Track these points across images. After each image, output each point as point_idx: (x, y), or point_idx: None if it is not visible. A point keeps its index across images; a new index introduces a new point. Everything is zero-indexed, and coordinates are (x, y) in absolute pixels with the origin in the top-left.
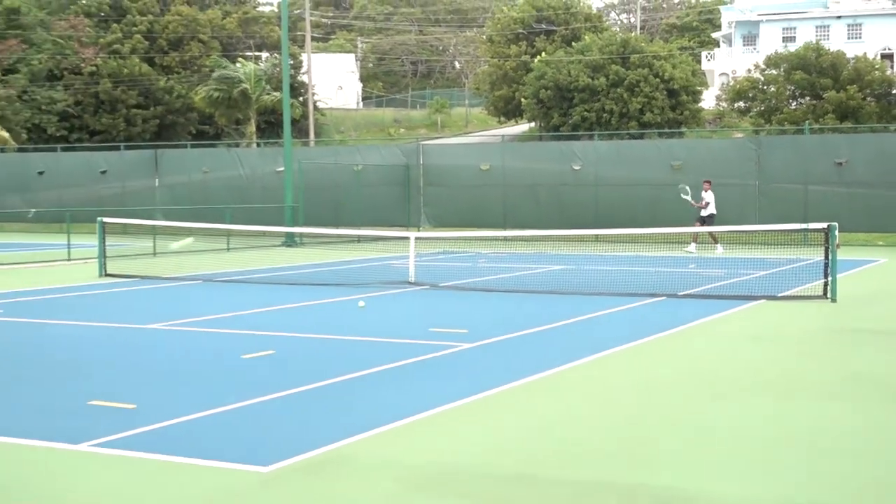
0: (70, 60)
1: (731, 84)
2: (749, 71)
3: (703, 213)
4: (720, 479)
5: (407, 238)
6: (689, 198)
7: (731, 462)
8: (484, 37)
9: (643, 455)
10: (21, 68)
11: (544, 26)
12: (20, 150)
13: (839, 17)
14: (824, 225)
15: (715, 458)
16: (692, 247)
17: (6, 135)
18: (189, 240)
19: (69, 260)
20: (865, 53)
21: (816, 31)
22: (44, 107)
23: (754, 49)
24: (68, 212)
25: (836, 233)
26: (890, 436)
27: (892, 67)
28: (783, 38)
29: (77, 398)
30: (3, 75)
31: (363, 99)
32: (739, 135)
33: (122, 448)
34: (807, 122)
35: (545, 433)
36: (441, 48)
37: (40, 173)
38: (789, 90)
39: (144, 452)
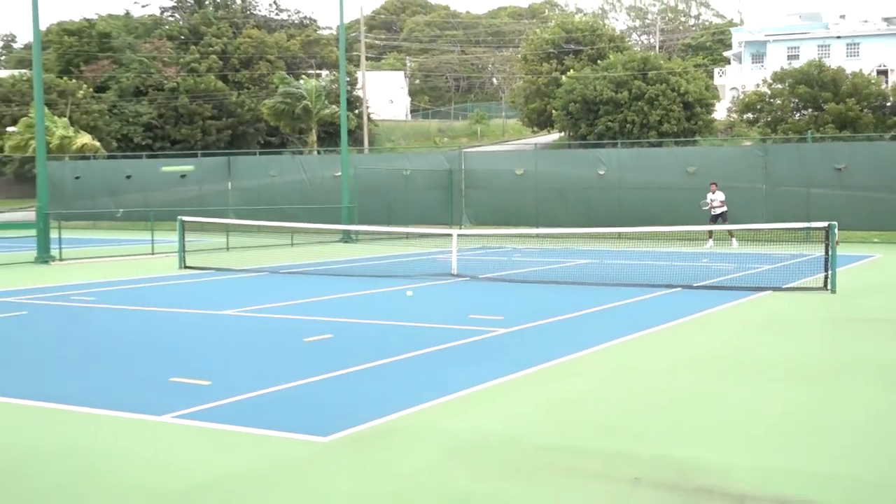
0: (154, 78)
1: (741, 97)
2: (757, 86)
3: (715, 211)
4: (733, 451)
5: (450, 235)
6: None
7: (743, 436)
8: (519, 56)
9: (663, 429)
10: (111, 85)
11: (573, 46)
12: (110, 157)
13: (839, 37)
14: (825, 224)
15: (728, 433)
16: (734, 242)
17: (98, 144)
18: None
19: (153, 254)
20: (862, 70)
21: (818, 50)
22: (131, 119)
23: (762, 66)
24: (152, 211)
25: (836, 231)
26: (886, 414)
27: (886, 82)
28: (788, 56)
29: (160, 375)
30: (96, 92)
31: (411, 111)
32: (748, 143)
33: (198, 419)
34: (809, 131)
35: (574, 408)
36: (481, 66)
37: (128, 177)
38: (793, 103)
39: (218, 423)
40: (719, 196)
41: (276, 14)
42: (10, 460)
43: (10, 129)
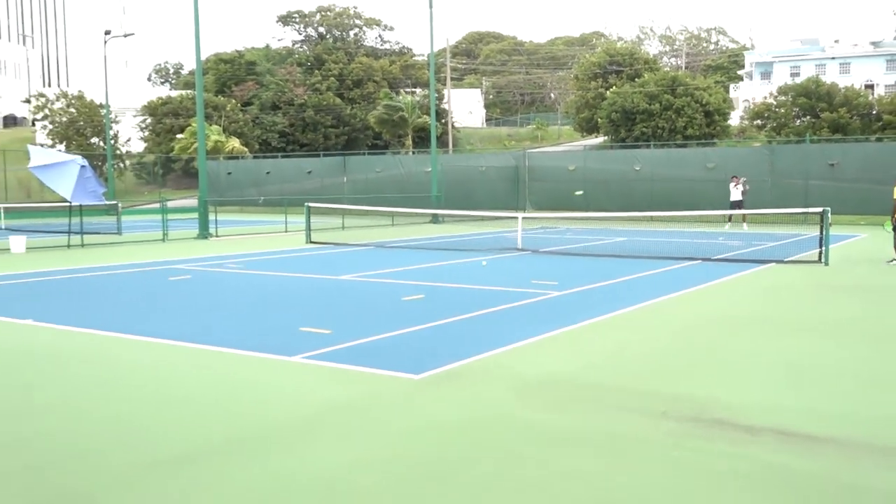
0: (287, 96)
1: (752, 107)
2: (765, 98)
3: (732, 199)
4: (743, 391)
5: (516, 217)
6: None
7: (752, 379)
8: (572, 75)
9: (686, 373)
10: (254, 101)
11: (615, 67)
12: (254, 157)
13: (833, 58)
14: (820, 209)
15: (739, 376)
16: (744, 226)
17: (244, 147)
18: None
19: (286, 232)
20: (853, 84)
21: (816, 69)
22: (269, 127)
23: (769, 82)
24: (286, 199)
25: (829, 215)
26: (870, 362)
27: (872, 95)
28: (791, 73)
29: (292, 325)
30: (243, 106)
31: (486, 120)
32: (757, 144)
33: (321, 360)
34: (808, 134)
35: (615, 356)
36: (541, 84)
37: (267, 173)
38: (794, 111)
39: (336, 363)
40: (740, 187)
41: (381, 44)
42: (186, 389)
43: (178, 135)
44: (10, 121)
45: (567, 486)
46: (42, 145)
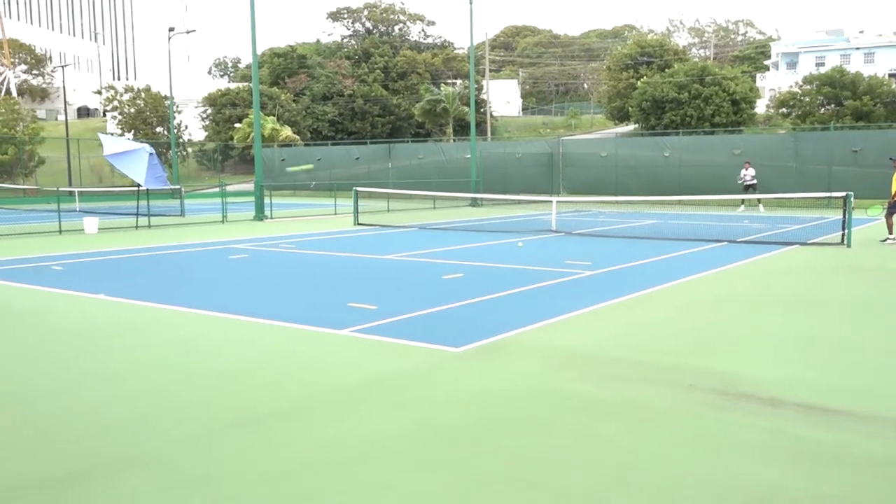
0: (336, 87)
1: (777, 96)
2: (790, 87)
3: (747, 183)
4: (767, 366)
5: (550, 201)
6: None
7: (775, 355)
8: (604, 66)
9: (712, 348)
10: (306, 93)
11: (646, 59)
12: (306, 144)
13: (858, 48)
14: (843, 193)
15: (763, 352)
16: (760, 208)
17: (297, 135)
18: (308, 165)
19: (335, 214)
20: (877, 73)
21: (841, 59)
22: (320, 117)
23: (795, 72)
24: (335, 183)
25: (852, 199)
26: (890, 340)
27: None
28: (816, 63)
29: (341, 301)
30: (295, 97)
31: (522, 109)
32: (782, 131)
33: (368, 333)
34: (832, 122)
35: (644, 331)
36: (575, 75)
37: (318, 159)
38: (819, 100)
39: (381, 336)
40: (751, 172)
41: (424, 38)
42: (247, 361)
43: (236, 125)
44: (84, 112)
45: (597, 452)
46: (112, 134)
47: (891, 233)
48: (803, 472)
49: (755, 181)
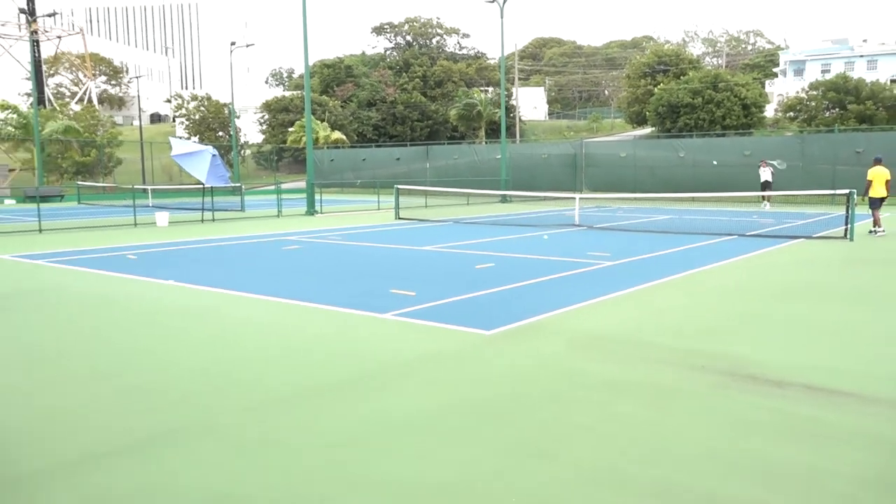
0: (379, 95)
1: (785, 101)
2: (797, 92)
3: (762, 180)
4: (774, 350)
5: (574, 198)
6: (772, 170)
7: (782, 340)
8: (624, 75)
9: (723, 333)
10: (353, 100)
11: (663, 67)
12: (352, 146)
13: (861, 56)
14: (846, 191)
15: (771, 337)
16: (766, 205)
17: (344, 138)
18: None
19: (378, 209)
20: (879, 79)
21: (845, 66)
22: (364, 122)
23: (801, 78)
24: (378, 181)
25: (855, 196)
26: (891, 325)
27: None
28: (822, 70)
29: (383, 288)
30: (343, 104)
31: (549, 114)
32: (789, 134)
33: (408, 317)
34: (836, 125)
35: (660, 317)
36: (597, 82)
37: (363, 160)
38: (824, 104)
39: (420, 320)
40: (768, 170)
41: (459, 50)
42: (299, 341)
43: (290, 129)
44: (155, 118)
45: (616, 427)
46: (180, 137)
47: (877, 225)
48: (808, 449)
49: (771, 179)
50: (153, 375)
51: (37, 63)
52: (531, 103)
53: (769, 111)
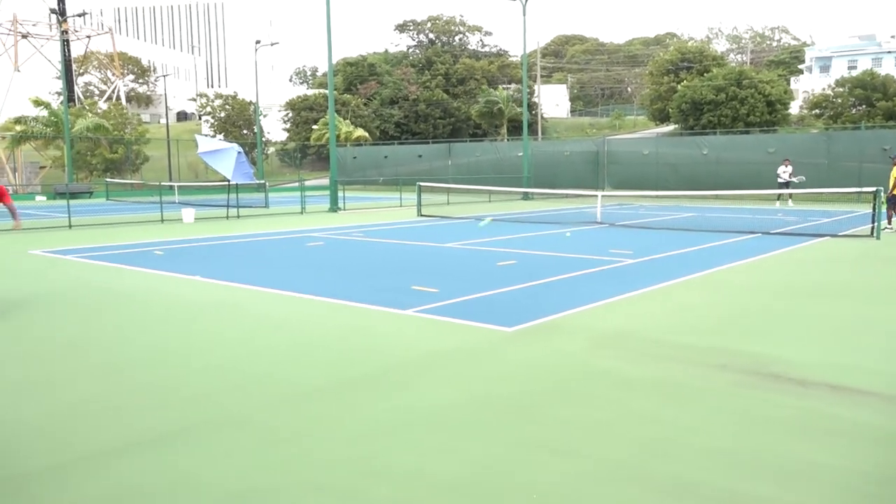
0: (402, 92)
1: (810, 98)
2: (823, 89)
3: (781, 180)
4: (797, 349)
5: (596, 195)
6: (787, 177)
7: (806, 338)
8: (647, 72)
9: (745, 331)
10: (375, 98)
11: (686, 64)
12: (373, 144)
13: (889, 52)
14: (873, 189)
15: (793, 335)
16: (790, 202)
17: (367, 135)
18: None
19: (400, 206)
20: None
21: (872, 62)
22: (387, 119)
23: (827, 75)
24: (400, 179)
25: (882, 194)
26: None
27: None
28: (848, 66)
29: (405, 284)
30: (366, 102)
31: (571, 112)
32: (815, 131)
33: (430, 313)
34: (863, 122)
35: (682, 315)
36: (619, 80)
37: (385, 157)
38: (851, 101)
39: (442, 316)
40: (790, 169)
41: (482, 47)
42: (323, 337)
43: (313, 126)
44: (182, 116)
45: (635, 424)
46: (206, 135)
47: (889, 223)
48: (831, 448)
49: (794, 178)
50: (174, 370)
51: (67, 62)
52: (553, 101)
53: (794, 108)
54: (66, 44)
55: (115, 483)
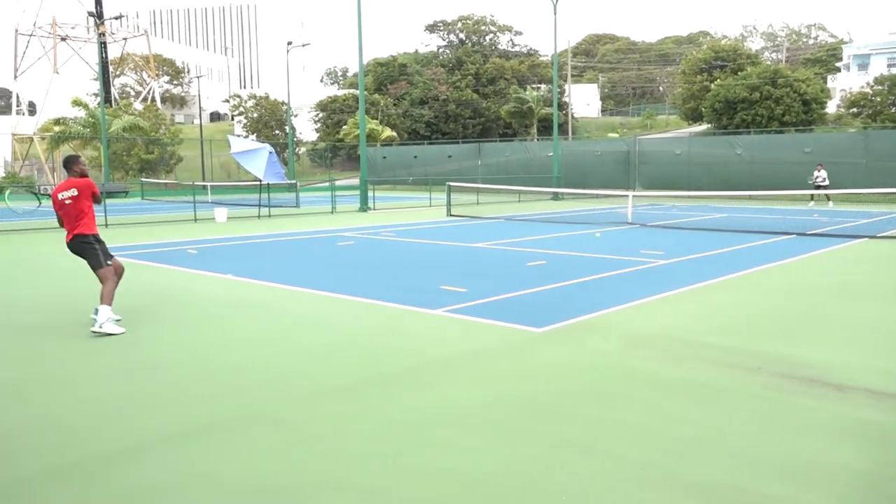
0: (432, 93)
1: (848, 97)
2: (861, 88)
3: (818, 183)
4: (834, 352)
5: (627, 195)
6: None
7: (843, 341)
8: (679, 70)
9: (780, 333)
10: (405, 98)
11: (720, 63)
12: (402, 144)
13: None
14: None
15: (831, 338)
16: (830, 204)
17: (396, 136)
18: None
19: (430, 206)
20: None
21: None
22: (417, 119)
23: (866, 73)
24: (430, 178)
25: None
26: None
27: None
28: (888, 64)
29: (434, 284)
30: (395, 102)
31: (602, 111)
32: (852, 130)
33: (458, 313)
34: None
35: (715, 316)
36: (651, 79)
37: (415, 157)
38: (890, 100)
39: (471, 316)
40: (823, 174)
41: (512, 47)
42: (353, 335)
43: (344, 127)
44: (215, 116)
45: (666, 426)
46: (238, 136)
47: None
48: (871, 455)
49: (826, 182)
50: (209, 366)
51: (104, 64)
52: (584, 100)
53: (831, 107)
54: (103, 46)
55: (137, 480)
